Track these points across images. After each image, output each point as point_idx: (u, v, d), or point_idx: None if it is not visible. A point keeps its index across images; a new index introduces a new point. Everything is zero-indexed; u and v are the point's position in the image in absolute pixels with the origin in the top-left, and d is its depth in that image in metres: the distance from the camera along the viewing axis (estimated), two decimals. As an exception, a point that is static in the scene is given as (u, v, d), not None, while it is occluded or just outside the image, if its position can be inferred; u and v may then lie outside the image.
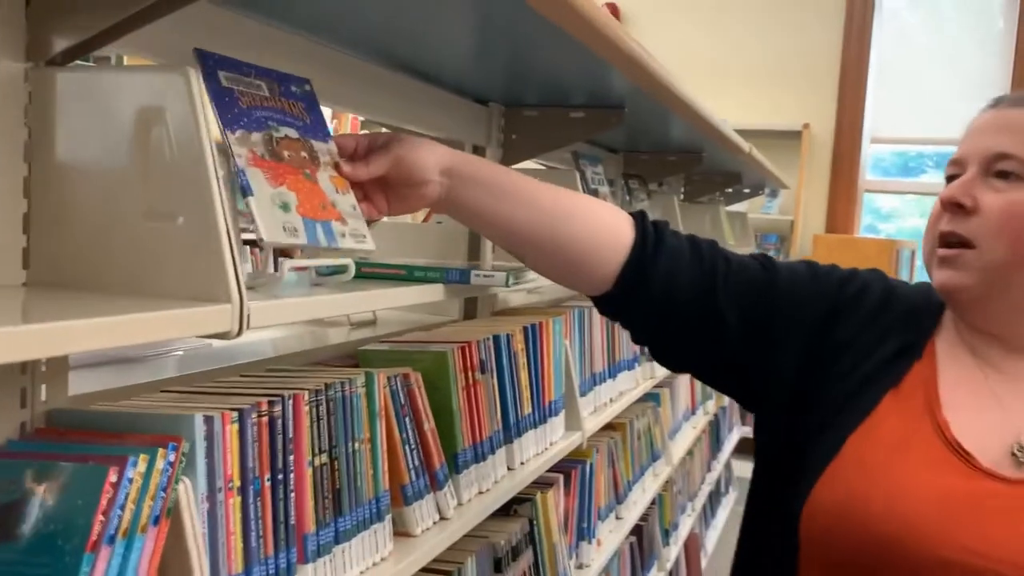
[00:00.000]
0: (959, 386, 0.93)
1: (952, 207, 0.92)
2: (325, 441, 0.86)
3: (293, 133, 0.84)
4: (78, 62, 0.73)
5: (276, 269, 0.78)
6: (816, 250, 4.90)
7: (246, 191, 0.74)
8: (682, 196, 3.34)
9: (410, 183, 0.92)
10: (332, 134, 0.90)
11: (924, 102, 5.42)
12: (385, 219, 1.58)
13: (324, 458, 0.86)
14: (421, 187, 0.92)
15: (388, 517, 0.96)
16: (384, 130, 1.35)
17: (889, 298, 0.99)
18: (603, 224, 0.97)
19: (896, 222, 5.86)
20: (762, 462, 1.00)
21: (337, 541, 0.88)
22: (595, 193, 1.87)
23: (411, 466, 1.02)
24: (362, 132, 0.90)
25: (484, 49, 1.29)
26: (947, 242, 0.92)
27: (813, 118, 5.36)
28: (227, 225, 0.64)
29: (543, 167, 2.04)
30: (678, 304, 0.96)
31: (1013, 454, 0.88)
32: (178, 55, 0.81)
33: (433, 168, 0.92)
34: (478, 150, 1.56)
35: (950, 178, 0.96)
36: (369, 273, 0.97)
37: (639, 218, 0.99)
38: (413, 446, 1.02)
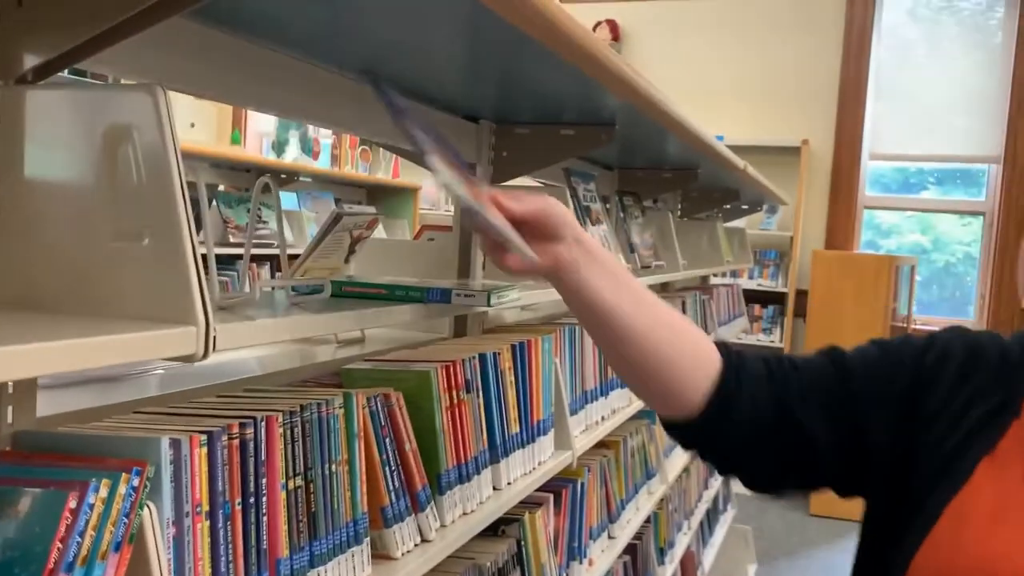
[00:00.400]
0: None
1: None
2: (300, 463, 0.85)
3: (456, 160, 0.87)
4: (52, 79, 0.72)
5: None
6: (815, 266, 4.88)
7: (426, 153, 0.79)
8: (679, 213, 3.33)
9: (547, 236, 0.88)
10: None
11: (924, 118, 5.42)
12: (376, 236, 1.58)
13: (299, 481, 0.84)
14: (556, 244, 0.88)
15: (367, 540, 0.95)
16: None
17: (976, 356, 0.92)
18: (699, 346, 0.93)
19: (896, 238, 5.85)
20: (866, 529, 0.96)
21: (312, 565, 0.86)
22: (587, 211, 1.87)
23: (391, 488, 1.00)
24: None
25: (474, 67, 1.28)
26: None
27: (812, 134, 5.36)
28: (193, 246, 0.63)
29: (537, 184, 2.03)
30: (762, 429, 0.92)
31: None
32: (154, 73, 0.80)
33: (571, 227, 0.89)
34: (469, 167, 1.56)
35: None
36: (350, 292, 0.96)
37: (722, 346, 0.96)
38: (393, 467, 1.01)
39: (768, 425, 0.92)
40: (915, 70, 5.48)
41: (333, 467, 0.90)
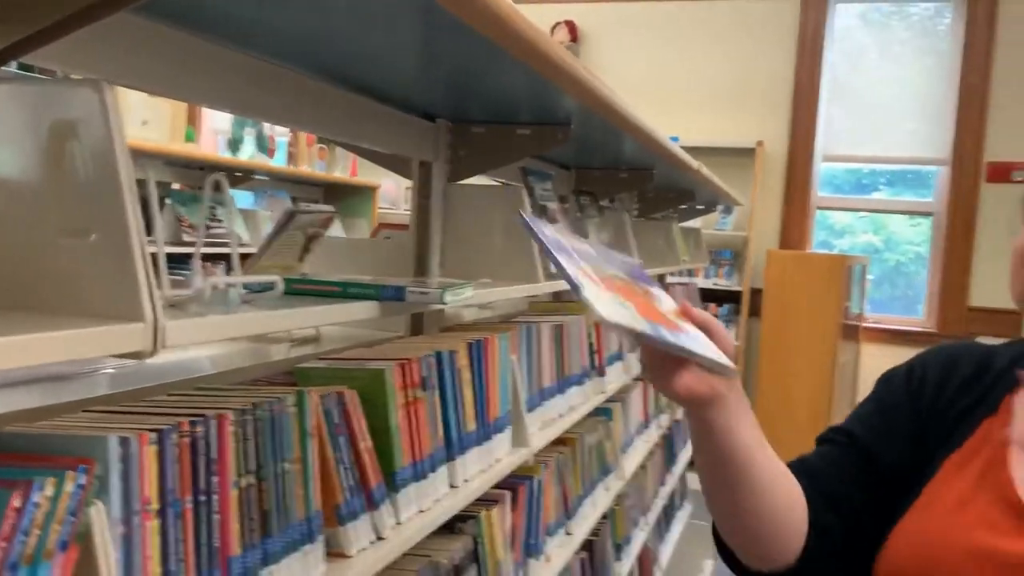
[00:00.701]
0: None
1: None
2: (252, 462, 0.85)
3: (623, 275, 0.82)
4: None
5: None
6: (769, 265, 4.96)
7: (578, 287, 0.71)
8: (636, 213, 3.36)
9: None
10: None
11: (876, 121, 5.53)
12: (332, 234, 1.57)
13: (251, 479, 0.84)
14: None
15: (321, 538, 0.95)
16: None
17: (950, 367, 0.97)
18: (796, 493, 0.92)
19: (849, 238, 5.96)
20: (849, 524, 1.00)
21: (265, 563, 0.86)
22: (544, 210, 1.88)
23: (345, 486, 1.00)
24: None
25: (429, 66, 1.29)
26: None
27: (767, 136, 5.44)
28: (141, 243, 0.63)
29: (494, 183, 2.04)
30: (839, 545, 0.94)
31: None
32: (103, 69, 0.79)
33: (730, 356, 0.84)
34: (425, 166, 1.56)
35: None
36: (302, 290, 0.96)
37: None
38: (348, 465, 1.01)
39: (842, 538, 0.93)
40: (867, 74, 5.59)
41: (286, 465, 0.89)
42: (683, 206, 3.73)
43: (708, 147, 5.20)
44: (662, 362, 0.78)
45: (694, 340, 0.77)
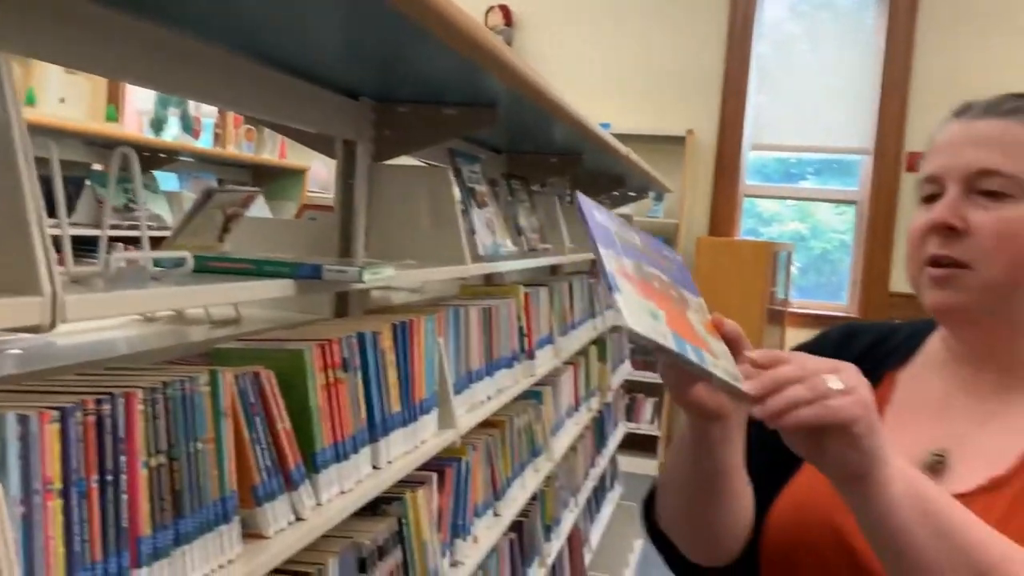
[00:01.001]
0: (910, 410, 0.96)
1: (943, 230, 0.89)
2: (163, 441, 0.83)
3: (663, 276, 0.81)
4: None
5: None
6: (699, 252, 5.05)
7: (612, 289, 0.71)
8: (568, 198, 3.38)
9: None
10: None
11: (803, 111, 5.66)
12: (254, 214, 1.55)
13: (162, 459, 0.83)
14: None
15: (236, 518, 0.94)
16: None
17: (848, 338, 1.02)
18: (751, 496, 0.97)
19: (777, 226, 6.10)
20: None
21: (177, 543, 0.85)
22: (472, 192, 1.88)
23: (263, 466, 0.99)
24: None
25: (352, 44, 1.27)
26: (939, 264, 0.90)
27: (697, 124, 5.53)
28: (39, 216, 0.61)
29: (420, 164, 2.03)
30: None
31: (929, 459, 0.91)
32: (11, 42, 0.77)
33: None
34: (349, 145, 1.55)
35: (929, 198, 0.93)
36: (215, 268, 0.94)
37: None
38: (265, 446, 1.00)
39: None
40: (795, 64, 5.71)
41: (199, 445, 0.88)
42: (615, 192, 3.77)
43: (640, 135, 5.26)
44: (679, 371, 0.77)
45: (717, 358, 0.75)
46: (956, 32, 5.24)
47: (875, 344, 1.02)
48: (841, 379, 0.72)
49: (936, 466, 0.90)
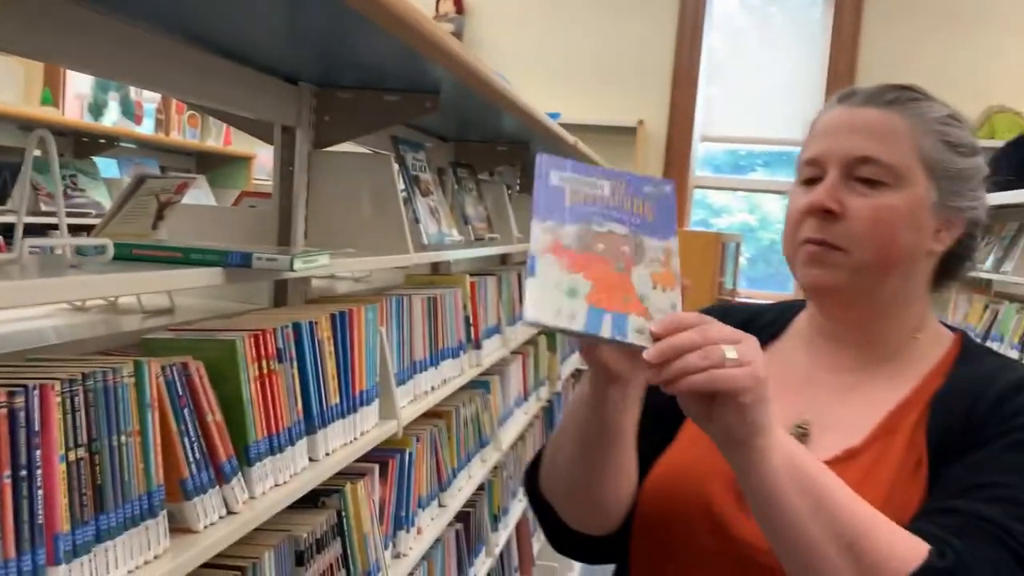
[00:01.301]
0: (779, 384, 0.96)
1: (820, 212, 0.92)
2: (83, 434, 0.80)
3: (620, 229, 0.80)
4: None
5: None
6: (649, 242, 5.07)
7: (529, 273, 0.75)
8: (518, 187, 3.37)
9: None
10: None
11: (752, 104, 5.73)
12: (199, 201, 1.51)
13: (81, 452, 0.80)
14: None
15: (163, 513, 0.91)
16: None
17: (721, 318, 1.04)
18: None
19: (727, 217, 6.17)
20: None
21: (99, 540, 0.82)
22: (416, 180, 1.86)
23: (192, 459, 0.97)
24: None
25: (292, 28, 1.25)
26: (815, 245, 0.93)
27: (647, 115, 5.56)
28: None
29: (365, 151, 2.00)
30: None
31: (793, 430, 0.94)
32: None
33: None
34: (288, 131, 1.51)
35: (809, 180, 0.95)
36: (142, 255, 0.91)
37: None
38: (194, 439, 0.97)
39: None
40: (745, 57, 5.77)
41: (123, 438, 0.85)
42: (565, 182, 3.76)
43: (591, 125, 5.27)
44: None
45: (649, 317, 0.77)
46: (899, 28, 5.34)
47: (747, 322, 1.05)
48: (739, 350, 0.74)
49: (800, 438, 0.93)
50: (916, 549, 0.75)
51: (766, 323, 1.06)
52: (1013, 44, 5.21)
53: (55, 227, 0.80)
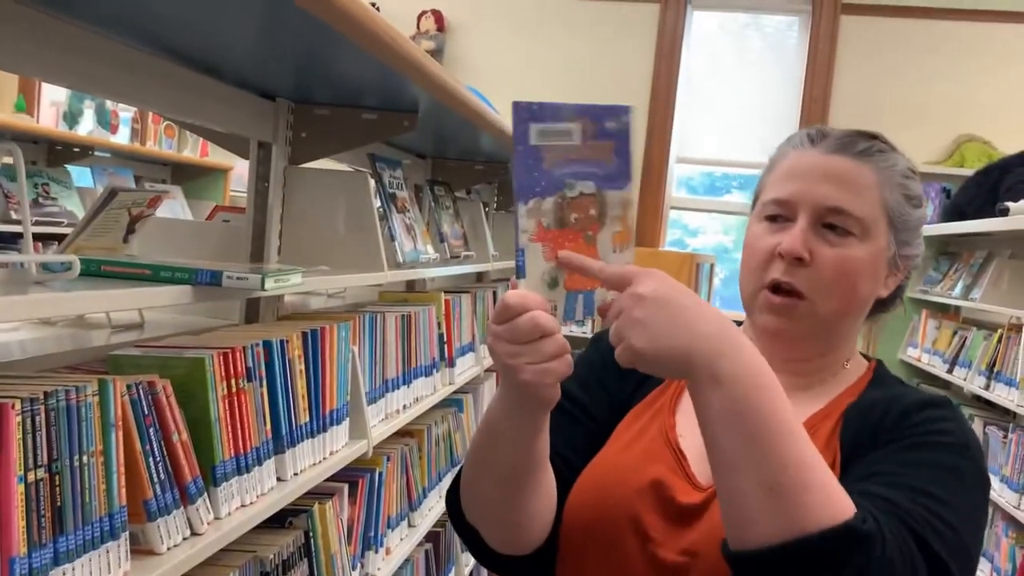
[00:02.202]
0: None
1: (791, 259, 0.93)
2: (43, 455, 0.79)
3: (589, 187, 0.81)
4: None
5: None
6: (625, 262, 5.09)
7: (519, 273, 0.79)
8: (495, 205, 3.38)
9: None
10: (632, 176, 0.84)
11: (729, 126, 5.78)
12: (173, 213, 1.50)
13: (41, 473, 0.78)
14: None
15: (125, 534, 0.90)
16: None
17: None
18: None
19: (702, 237, 6.21)
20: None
21: (57, 563, 0.81)
22: (393, 198, 1.85)
23: (156, 480, 0.95)
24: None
25: (268, 45, 1.24)
26: (779, 290, 0.94)
27: (625, 135, 5.59)
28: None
29: (342, 168, 2.00)
30: None
31: None
32: None
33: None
34: (264, 146, 1.51)
35: (774, 217, 0.97)
36: (110, 272, 0.90)
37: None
38: (159, 459, 0.96)
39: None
40: (722, 80, 5.82)
41: (84, 458, 0.84)
42: (542, 200, 3.76)
43: (569, 144, 5.28)
44: (551, 352, 0.78)
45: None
46: (874, 57, 5.42)
47: None
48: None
49: None
50: (846, 504, 0.75)
51: None
52: (984, 75, 5.31)
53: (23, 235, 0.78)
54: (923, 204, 1.00)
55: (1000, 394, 3.26)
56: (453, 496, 0.99)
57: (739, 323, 1.09)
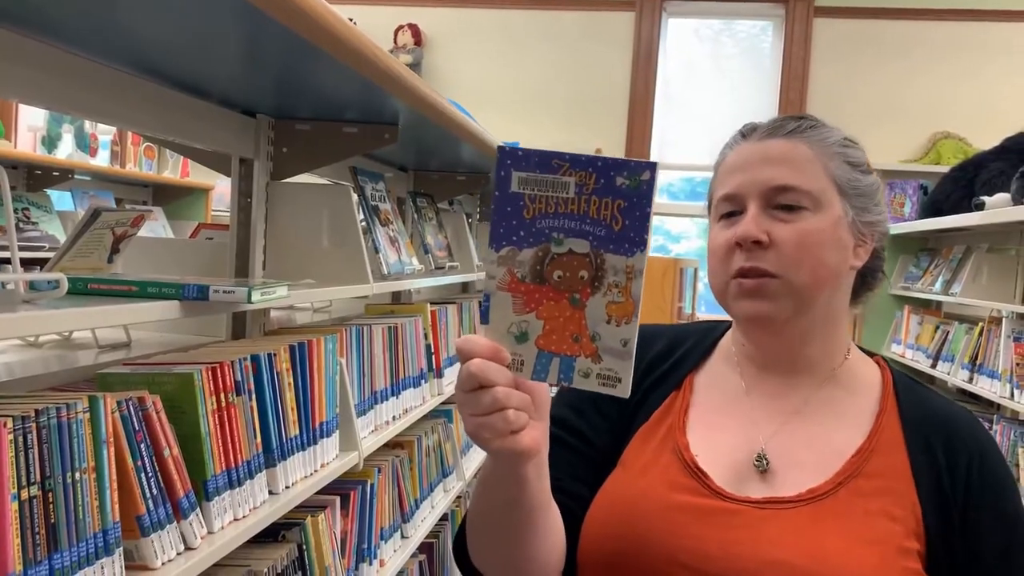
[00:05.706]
0: (714, 411, 1.01)
1: (750, 244, 0.94)
2: (36, 472, 0.79)
3: (582, 246, 0.74)
4: None
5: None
6: (609, 268, 5.11)
7: (483, 318, 0.73)
8: (479, 216, 3.39)
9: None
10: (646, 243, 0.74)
11: (707, 131, 5.82)
12: (156, 234, 1.50)
13: (34, 490, 0.79)
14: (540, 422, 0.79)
15: (119, 550, 0.90)
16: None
17: (649, 342, 1.07)
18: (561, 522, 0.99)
19: (685, 243, 6.24)
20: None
21: (52, 580, 0.81)
22: (376, 210, 1.86)
23: (148, 495, 0.96)
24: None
25: (248, 61, 1.25)
26: (748, 276, 0.95)
27: (604, 142, 5.63)
28: None
29: (324, 182, 2.01)
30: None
31: (754, 464, 0.96)
32: None
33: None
34: (246, 163, 1.51)
35: (728, 215, 0.98)
36: (97, 290, 0.91)
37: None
38: (151, 474, 0.96)
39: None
40: (699, 86, 5.87)
41: (77, 475, 0.84)
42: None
43: (550, 153, 5.31)
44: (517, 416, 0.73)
45: (598, 360, 0.74)
46: (848, 57, 5.49)
47: (672, 347, 1.07)
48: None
49: (761, 474, 0.96)
50: None
51: (691, 347, 1.08)
52: (958, 73, 5.38)
53: (8, 261, 0.79)
54: (871, 170, 1.01)
55: (983, 387, 3.30)
56: (460, 545, 0.99)
57: (728, 326, 1.11)
